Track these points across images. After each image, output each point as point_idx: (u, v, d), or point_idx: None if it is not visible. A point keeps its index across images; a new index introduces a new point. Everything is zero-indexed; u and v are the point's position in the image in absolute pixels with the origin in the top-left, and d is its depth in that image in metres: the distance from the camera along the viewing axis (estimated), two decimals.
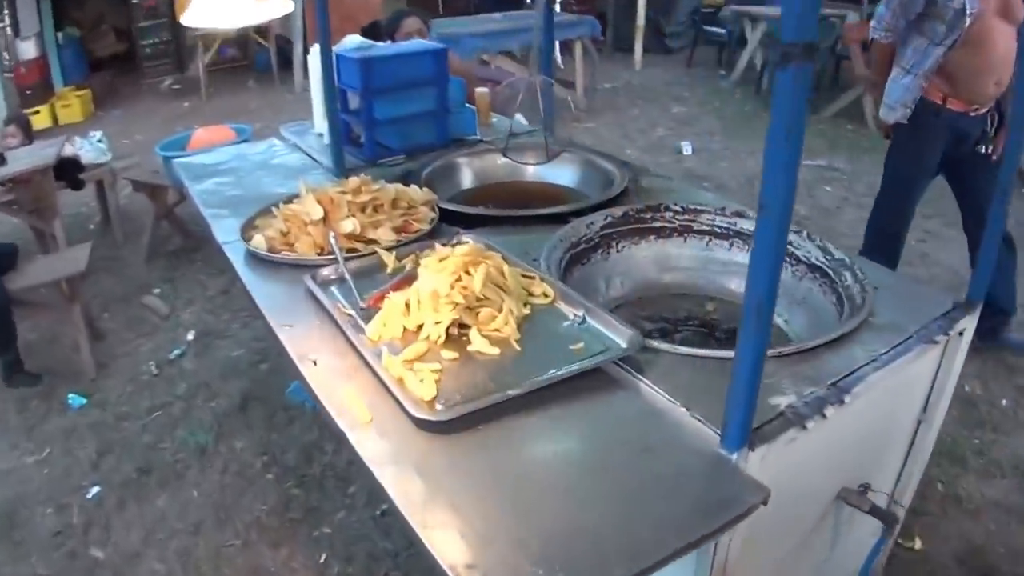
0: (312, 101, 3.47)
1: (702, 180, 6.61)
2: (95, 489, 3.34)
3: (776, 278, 1.32)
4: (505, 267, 2.01)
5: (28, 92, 9.95)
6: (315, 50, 3.28)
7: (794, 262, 2.32)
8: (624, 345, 1.83)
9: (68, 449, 3.61)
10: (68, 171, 5.73)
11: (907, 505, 2.40)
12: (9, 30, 10.99)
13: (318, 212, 2.31)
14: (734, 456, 1.51)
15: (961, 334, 2.03)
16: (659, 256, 2.55)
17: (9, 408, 3.94)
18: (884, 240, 4.03)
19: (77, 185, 5.93)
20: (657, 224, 2.56)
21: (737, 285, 2.41)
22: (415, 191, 2.57)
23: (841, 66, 9.24)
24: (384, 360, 1.72)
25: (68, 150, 5.80)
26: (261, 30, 10.33)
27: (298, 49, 9.82)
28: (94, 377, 4.15)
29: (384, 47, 3.29)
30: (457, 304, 1.85)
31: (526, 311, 1.96)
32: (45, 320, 4.57)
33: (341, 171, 2.99)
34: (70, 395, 3.98)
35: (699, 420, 1.60)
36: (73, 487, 3.36)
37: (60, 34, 10.81)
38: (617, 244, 2.52)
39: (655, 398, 1.69)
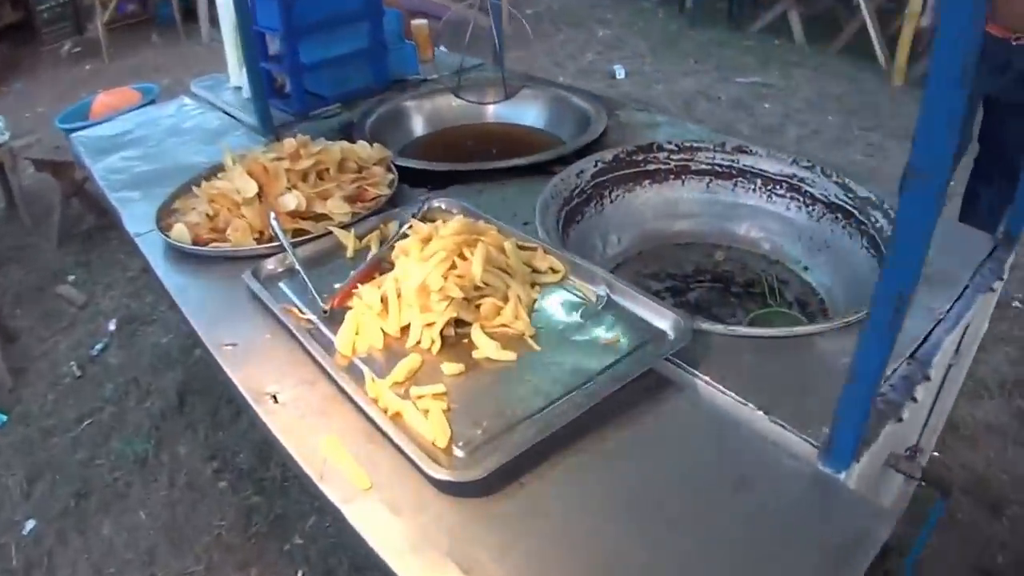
0: (225, 51, 2.97)
1: (636, 103, 6.24)
2: (30, 524, 2.90)
3: (922, 262, 0.94)
4: (506, 243, 1.60)
5: None
6: None
7: (809, 201, 2.04)
8: (669, 332, 1.46)
9: None
10: None
11: (930, 453, 2.16)
12: None
13: (251, 187, 1.87)
14: (841, 475, 1.17)
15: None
16: (656, 203, 2.19)
17: None
18: None
19: None
20: (652, 167, 2.19)
21: (745, 230, 2.14)
22: (363, 148, 2.13)
23: None
24: (368, 387, 1.32)
25: None
26: None
27: None
28: (12, 387, 3.66)
29: None
30: (452, 299, 1.43)
31: (534, 294, 1.56)
32: None
33: (269, 130, 2.53)
34: None
35: (783, 427, 1.25)
36: (5, 523, 2.92)
37: None
38: (611, 194, 2.15)
39: (721, 400, 1.33)
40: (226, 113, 2.84)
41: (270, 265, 1.71)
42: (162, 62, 8.69)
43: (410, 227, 1.69)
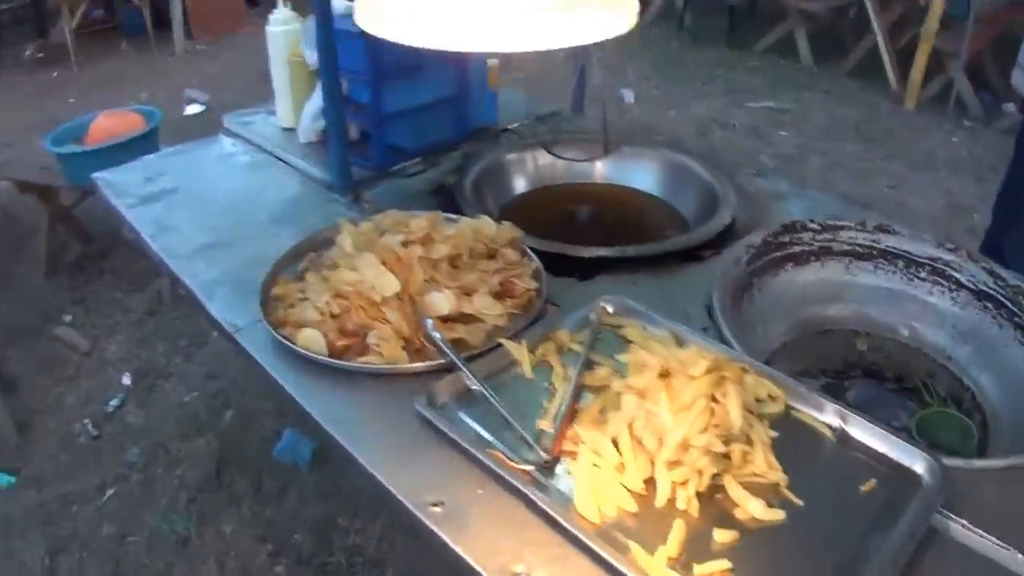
0: (274, 87, 2.67)
1: (654, 133, 6.05)
2: None
3: None
4: (748, 376, 1.37)
5: None
6: (279, 15, 2.54)
7: (954, 286, 1.90)
8: (924, 475, 1.28)
9: (8, 551, 2.83)
10: None
11: None
12: None
13: (393, 285, 1.60)
14: None
15: None
16: (798, 287, 2.01)
17: None
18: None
19: None
20: (795, 249, 2.01)
21: (880, 314, 1.98)
22: (488, 225, 1.86)
23: None
24: (641, 562, 1.09)
25: None
26: None
27: (176, 8, 8.71)
28: (15, 443, 3.33)
29: None
30: (711, 452, 1.20)
31: (771, 432, 1.33)
32: None
33: (348, 187, 2.26)
34: None
35: None
36: None
37: None
38: (759, 281, 1.94)
39: (978, 545, 1.20)
40: (278, 158, 2.54)
41: (443, 389, 1.44)
42: (134, 72, 8.32)
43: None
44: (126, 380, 3.66)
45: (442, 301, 1.59)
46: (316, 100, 2.42)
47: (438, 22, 1.05)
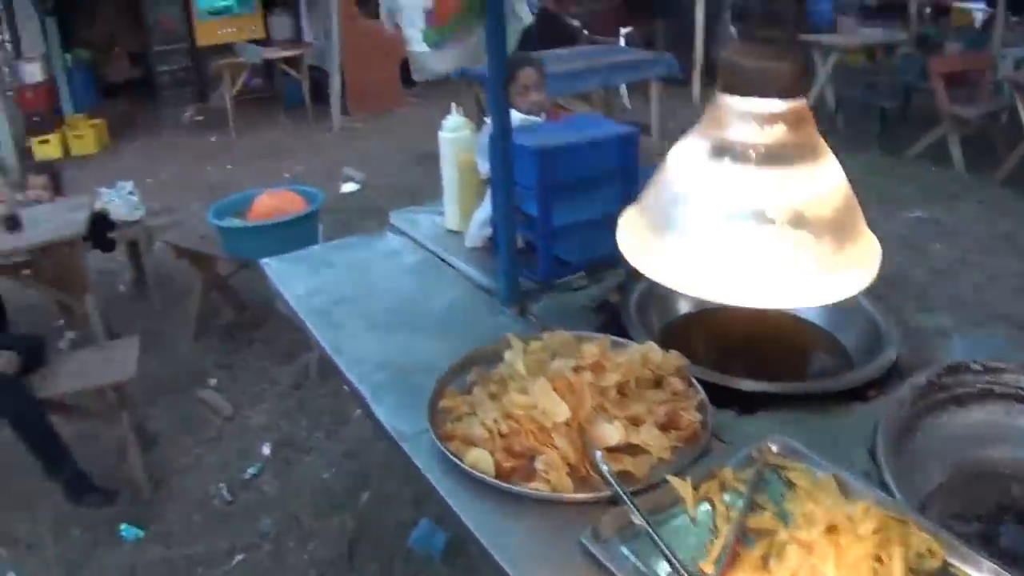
0: (443, 190, 2.77)
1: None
2: None
3: None
4: (915, 535, 1.35)
5: (35, 119, 9.35)
6: (451, 121, 2.64)
7: None
8: None
9: None
10: (96, 229, 4.99)
11: None
12: (9, 47, 10.32)
13: (563, 412, 1.62)
14: None
15: None
16: (957, 429, 1.93)
17: (43, 533, 3.27)
18: None
19: (107, 246, 5.24)
20: (959, 391, 1.94)
21: None
22: (654, 351, 1.87)
23: (911, 99, 8.52)
24: None
25: (95, 204, 5.11)
26: (292, 60, 9.58)
27: (335, 83, 9.08)
28: (148, 498, 3.46)
29: (557, 129, 2.62)
30: None
31: None
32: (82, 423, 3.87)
33: (515, 300, 2.31)
34: (123, 525, 3.29)
35: None
36: None
37: (69, 56, 10.14)
38: (919, 423, 1.88)
39: None
40: (444, 261, 2.61)
41: (608, 524, 1.45)
42: (290, 144, 8.68)
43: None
44: (265, 450, 3.78)
45: (612, 432, 1.61)
46: (485, 208, 2.50)
47: (716, 278, 1.07)
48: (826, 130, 5.05)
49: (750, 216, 1.03)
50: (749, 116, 1.05)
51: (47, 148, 8.98)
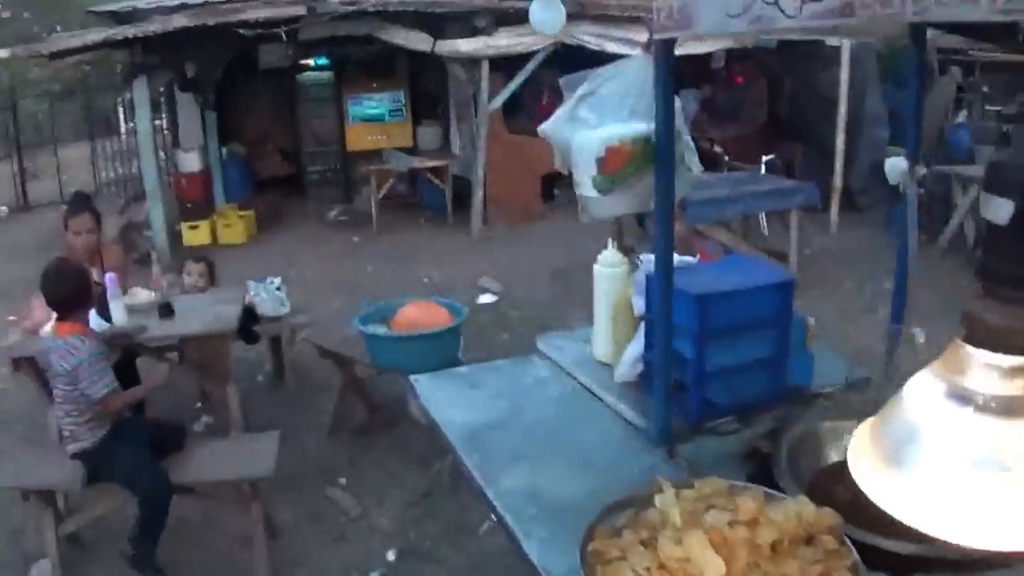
0: (596, 321, 2.80)
1: None
2: None
3: None
4: None
5: (189, 206, 9.88)
6: (608, 256, 2.68)
7: None
8: None
9: None
10: (243, 322, 5.19)
11: None
12: (167, 135, 11.00)
13: (718, 569, 1.61)
14: None
15: None
16: None
17: None
18: None
19: (251, 339, 5.44)
20: None
21: None
22: (807, 507, 1.84)
23: None
24: None
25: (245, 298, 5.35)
26: (437, 170, 9.92)
27: (478, 194, 9.34)
28: None
29: (714, 272, 2.64)
30: None
31: None
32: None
33: (665, 440, 2.31)
34: None
35: None
36: None
37: (224, 149, 10.73)
38: None
39: None
40: (592, 392, 2.63)
41: None
42: (429, 249, 8.90)
43: None
44: (390, 556, 3.80)
45: None
46: (638, 344, 2.52)
47: (957, 521, 1.09)
48: (965, 261, 4.95)
49: (990, 465, 1.05)
50: (992, 369, 1.07)
51: (197, 234, 9.47)
